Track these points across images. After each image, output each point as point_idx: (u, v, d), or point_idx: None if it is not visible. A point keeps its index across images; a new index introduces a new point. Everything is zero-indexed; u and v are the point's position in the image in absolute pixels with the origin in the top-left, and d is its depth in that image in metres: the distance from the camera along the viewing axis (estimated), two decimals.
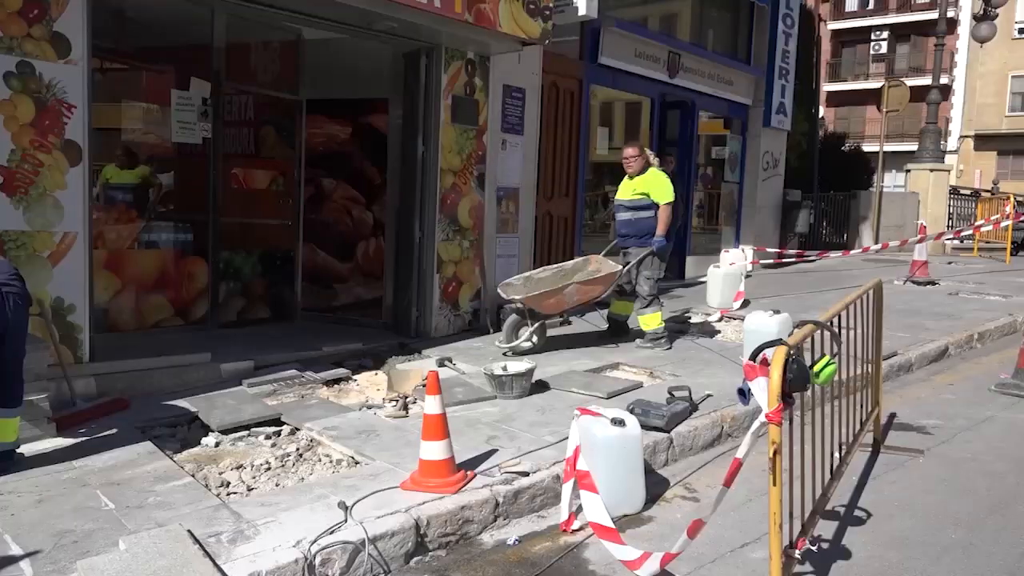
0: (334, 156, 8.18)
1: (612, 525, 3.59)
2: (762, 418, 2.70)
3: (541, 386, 5.68)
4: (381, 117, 7.87)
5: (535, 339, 6.66)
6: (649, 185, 6.76)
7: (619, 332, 7.37)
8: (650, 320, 6.97)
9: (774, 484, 2.70)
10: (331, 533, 3.30)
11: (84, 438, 4.47)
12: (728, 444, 5.03)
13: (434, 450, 3.79)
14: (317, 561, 3.17)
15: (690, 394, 5.18)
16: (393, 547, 3.41)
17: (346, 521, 3.41)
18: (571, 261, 6.88)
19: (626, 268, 6.89)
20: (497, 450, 4.35)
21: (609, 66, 10.18)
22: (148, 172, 7.25)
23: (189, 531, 3.21)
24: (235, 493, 3.90)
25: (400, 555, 3.42)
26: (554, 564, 3.44)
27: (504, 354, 6.36)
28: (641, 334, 7.11)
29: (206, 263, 7.12)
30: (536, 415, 5.03)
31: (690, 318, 8.74)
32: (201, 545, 3.10)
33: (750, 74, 13.00)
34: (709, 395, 5.46)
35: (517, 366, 5.51)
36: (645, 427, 4.40)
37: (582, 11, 8.21)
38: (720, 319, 8.59)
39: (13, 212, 4.79)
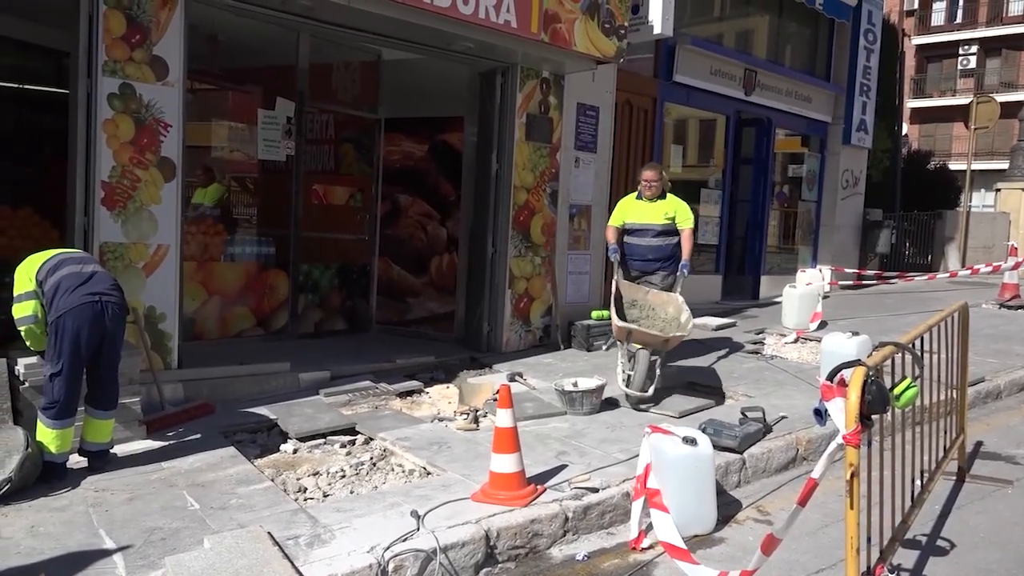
0: (410, 173, 8.37)
1: (684, 545, 3.56)
2: (839, 440, 2.65)
3: (611, 403, 5.67)
4: (456, 135, 8.02)
5: (658, 371, 5.82)
6: (676, 209, 6.40)
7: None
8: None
9: (851, 507, 2.64)
10: (404, 540, 3.37)
11: (172, 441, 4.68)
12: (803, 468, 4.92)
13: (505, 463, 3.83)
14: (390, 567, 3.24)
15: (764, 415, 5.10)
16: (463, 557, 3.46)
17: (418, 529, 3.48)
18: (613, 294, 6.10)
19: (679, 289, 6.30)
20: (567, 465, 4.37)
21: (684, 84, 10.13)
22: (224, 191, 7.52)
23: (269, 533, 3.33)
24: (312, 499, 4.02)
25: (470, 565, 3.47)
26: None
27: (638, 407, 5.56)
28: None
29: (287, 276, 7.37)
30: (606, 432, 5.02)
31: (764, 339, 8.57)
32: (280, 547, 3.21)
33: (829, 91, 12.74)
34: (783, 417, 5.36)
35: (587, 383, 5.51)
36: (717, 447, 4.34)
37: (657, 29, 8.22)
38: (796, 340, 8.40)
39: (112, 225, 5.07)
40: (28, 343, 4.23)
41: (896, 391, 2.90)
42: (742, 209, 11.93)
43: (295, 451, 4.75)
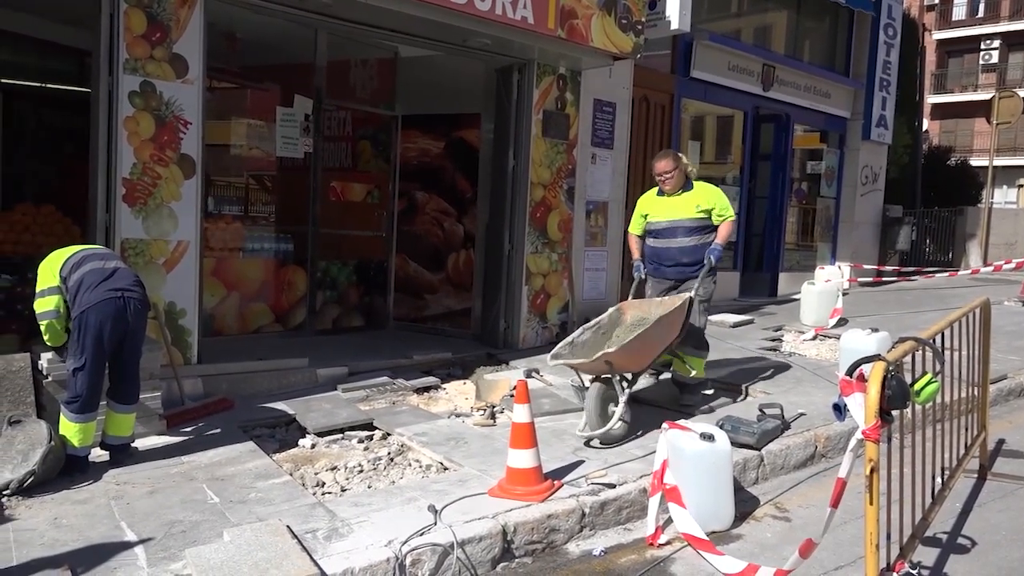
0: (427, 170, 8.38)
1: (705, 536, 3.56)
2: (859, 435, 2.63)
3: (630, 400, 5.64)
4: (473, 132, 8.03)
5: (627, 415, 4.76)
6: (711, 199, 5.41)
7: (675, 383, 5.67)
8: (696, 364, 5.49)
9: (871, 503, 2.62)
10: (421, 535, 3.38)
11: (192, 435, 4.72)
12: (821, 465, 4.89)
13: (522, 458, 3.84)
14: (408, 561, 3.26)
15: (782, 412, 5.07)
16: (480, 552, 3.46)
17: (435, 524, 3.49)
18: (604, 315, 5.25)
19: (693, 291, 5.22)
20: (583, 461, 4.37)
21: (701, 80, 10.08)
22: None
23: (288, 526, 3.35)
24: (330, 493, 4.05)
25: (487, 560, 3.48)
26: None
27: (588, 443, 4.64)
28: (684, 388, 5.52)
29: (305, 272, 7.41)
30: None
31: (782, 336, 8.52)
32: (299, 540, 3.24)
33: (849, 86, 12.63)
34: (802, 414, 5.33)
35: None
36: (735, 444, 4.32)
37: (674, 25, 8.18)
38: (814, 337, 8.35)
39: (133, 221, 5.12)
40: (46, 338, 4.27)
41: (916, 387, 2.87)
42: (760, 206, 11.86)
43: (313, 446, 4.78)
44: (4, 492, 3.71)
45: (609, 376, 4.73)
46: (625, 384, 4.79)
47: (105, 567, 3.06)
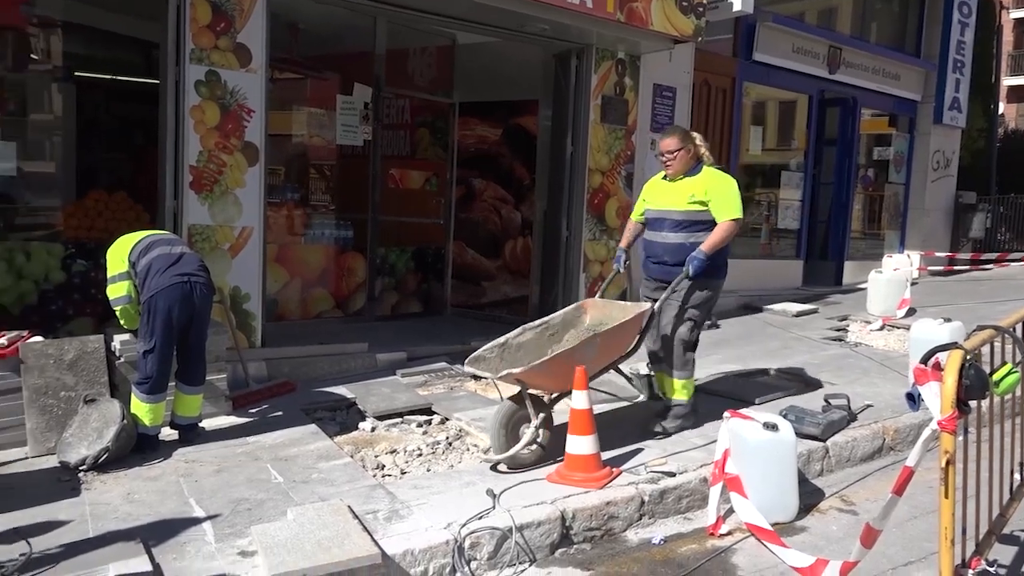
0: (484, 157, 8.38)
1: (770, 527, 3.49)
2: (934, 426, 2.53)
3: None
4: (531, 118, 7.99)
5: (541, 438, 4.05)
6: (712, 190, 4.44)
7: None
8: (684, 386, 4.66)
9: (946, 496, 2.52)
10: (480, 518, 3.39)
11: (256, 417, 4.83)
12: (890, 458, 4.74)
13: (581, 445, 3.82)
14: (466, 544, 3.27)
15: (848, 403, 4.93)
16: (539, 537, 3.46)
17: (494, 508, 3.50)
18: (559, 312, 4.61)
19: (660, 302, 4.46)
20: (643, 449, 4.32)
21: (764, 63, 9.84)
22: None
23: (349, 507, 3.40)
24: (389, 475, 4.09)
25: (545, 545, 3.47)
26: (701, 566, 3.38)
27: (494, 467, 4.00)
28: (664, 411, 4.70)
29: (364, 259, 7.50)
30: None
31: (848, 326, 8.30)
32: (360, 520, 3.28)
33: (920, 68, 12.16)
34: (869, 405, 5.18)
35: None
36: (799, 435, 4.21)
37: (737, 7, 7.99)
38: (882, 327, 8.10)
39: (199, 208, 5.25)
40: (122, 322, 4.42)
41: (995, 377, 2.75)
42: (825, 192, 11.52)
43: (373, 429, 4.84)
44: (80, 467, 3.85)
45: (522, 394, 4.00)
46: (546, 401, 4.10)
47: (175, 541, 3.15)
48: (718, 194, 4.45)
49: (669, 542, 3.63)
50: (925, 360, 2.65)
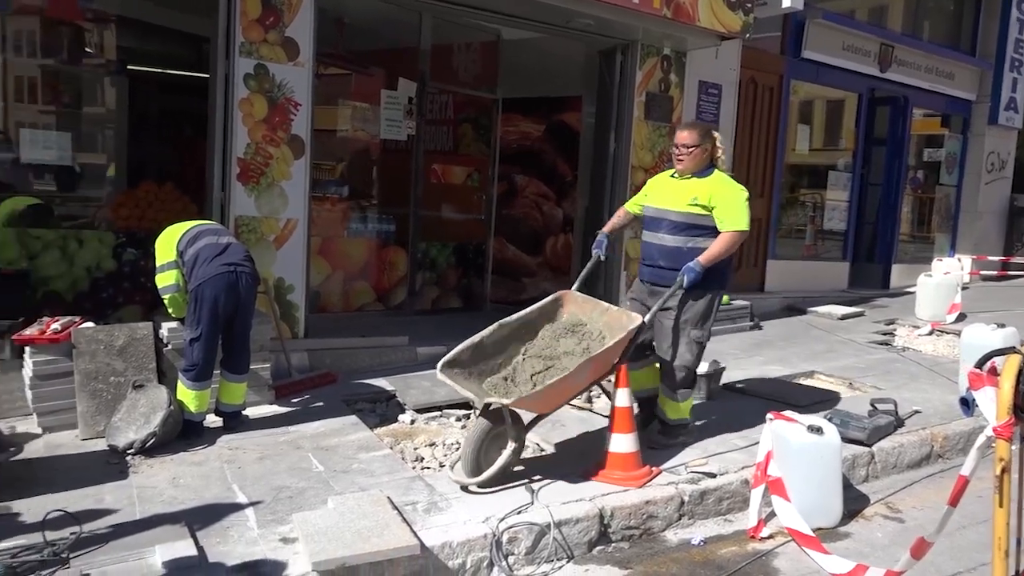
0: (527, 153, 8.37)
1: (811, 533, 3.43)
2: (988, 432, 2.46)
3: (729, 389, 5.52)
4: (574, 115, 7.96)
5: (509, 454, 3.67)
6: (717, 196, 4.10)
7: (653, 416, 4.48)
8: (681, 407, 4.34)
9: (1000, 506, 2.45)
10: (518, 513, 3.39)
11: (298, 406, 4.89)
12: (938, 465, 4.64)
13: (622, 443, 3.79)
14: (504, 538, 3.27)
15: (895, 408, 4.83)
16: (577, 534, 3.45)
17: (532, 503, 3.49)
18: (536, 306, 4.14)
19: (650, 315, 4.05)
20: (683, 449, 4.27)
21: (813, 60, 9.66)
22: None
23: (389, 498, 3.42)
24: (428, 468, 4.11)
25: (583, 542, 3.46)
26: (742, 569, 3.34)
27: (465, 488, 3.65)
28: (660, 425, 4.39)
29: (406, 253, 7.53)
30: (724, 418, 4.88)
31: (895, 330, 8.12)
32: (399, 511, 3.30)
33: (975, 67, 11.84)
34: (917, 411, 5.07)
35: (705, 366, 5.36)
36: (844, 439, 4.14)
37: (786, 3, 7.84)
38: (930, 332, 7.91)
39: (246, 199, 5.32)
40: (170, 310, 4.50)
41: None
42: (873, 194, 11.29)
43: (412, 422, 4.87)
44: (128, 451, 3.94)
45: (501, 411, 3.66)
46: (525, 422, 3.79)
47: (219, 526, 3.20)
48: (725, 202, 4.11)
49: (709, 543, 3.59)
50: (980, 364, 2.57)
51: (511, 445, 3.65)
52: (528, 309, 4.10)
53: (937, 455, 4.70)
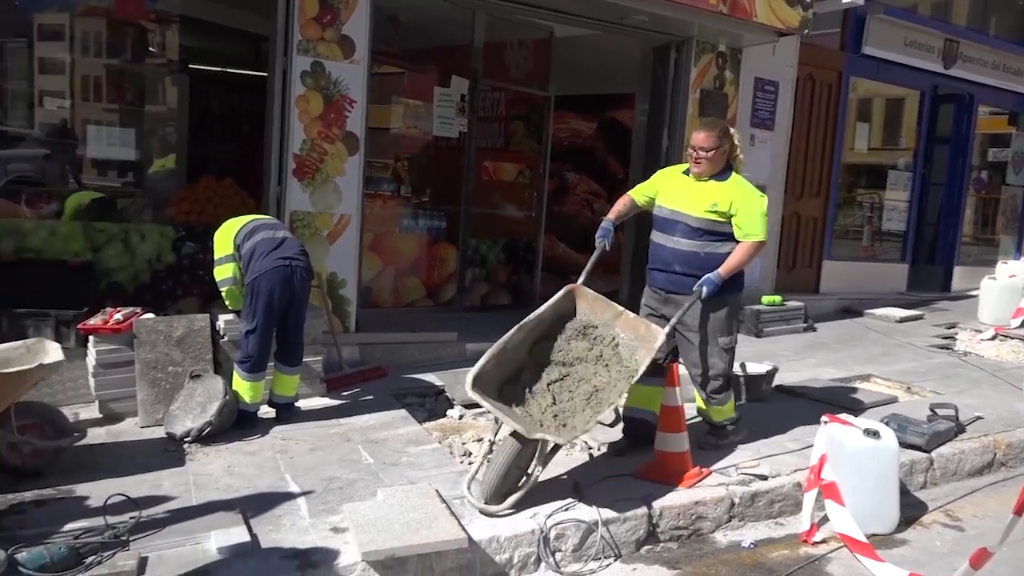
0: (578, 150, 8.36)
1: (865, 539, 3.35)
2: None
3: (781, 391, 5.42)
4: (626, 112, 7.92)
5: (535, 481, 3.45)
6: (738, 204, 3.92)
7: (642, 436, 4.13)
8: (724, 409, 4.24)
9: None
10: (566, 510, 3.38)
11: (348, 399, 4.95)
12: (1001, 474, 4.49)
13: (671, 442, 3.75)
14: (552, 535, 3.27)
15: (956, 413, 4.68)
16: (625, 532, 3.42)
17: (580, 501, 3.47)
18: (548, 304, 3.86)
19: (669, 327, 3.82)
20: (735, 450, 4.21)
21: (873, 56, 9.41)
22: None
23: (437, 491, 3.44)
24: (476, 463, 4.12)
25: (631, 541, 3.43)
26: (793, 573, 3.28)
27: (487, 514, 3.36)
28: (708, 427, 4.31)
29: (456, 250, 7.57)
30: (776, 420, 4.79)
31: (956, 334, 7.87)
32: (447, 505, 3.32)
33: None
34: (979, 417, 4.91)
35: (757, 367, 5.29)
36: (902, 444, 4.03)
37: None
38: (994, 337, 7.65)
39: (301, 195, 5.42)
40: (227, 303, 4.60)
41: None
42: (934, 194, 10.96)
43: (460, 417, 4.89)
44: (185, 439, 4.04)
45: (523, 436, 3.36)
46: (549, 449, 3.47)
47: (272, 514, 3.27)
48: (745, 211, 3.92)
49: (759, 546, 3.53)
50: None
51: (538, 470, 3.42)
52: (542, 308, 3.84)
53: (1000, 463, 4.55)
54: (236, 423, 4.28)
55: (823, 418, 3.79)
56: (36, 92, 6.62)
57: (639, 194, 4.31)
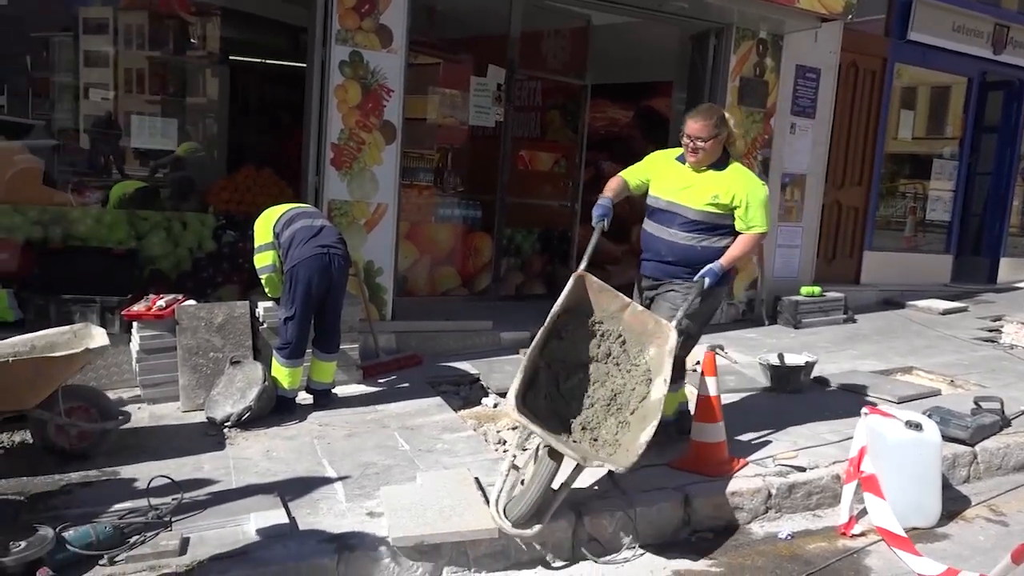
0: (615, 139, 8.30)
1: (904, 534, 3.29)
2: None
3: (820, 383, 5.35)
4: (663, 100, 7.84)
5: (564, 498, 3.22)
6: (741, 195, 3.75)
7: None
8: (679, 395, 4.13)
9: None
10: (601, 498, 3.38)
11: (384, 387, 5.00)
12: None
13: (707, 432, 3.73)
14: (587, 522, 3.27)
15: (1002, 407, 4.57)
16: (660, 522, 3.42)
17: (615, 489, 3.47)
18: (560, 299, 3.49)
19: (676, 320, 3.54)
20: (771, 442, 4.17)
21: (919, 43, 9.17)
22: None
23: (476, 478, 3.47)
24: (510, 451, 4.13)
25: (667, 530, 3.42)
26: (831, 566, 3.24)
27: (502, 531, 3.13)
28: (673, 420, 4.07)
29: (491, 239, 7.58)
30: (814, 411, 4.73)
31: (1002, 326, 7.68)
32: (484, 492, 3.33)
33: None
34: None
35: (796, 359, 5.23)
36: (944, 437, 3.94)
37: None
38: None
39: (339, 184, 5.47)
40: (267, 290, 4.67)
41: None
42: (980, 183, 10.66)
43: (495, 405, 4.91)
44: (225, 424, 4.12)
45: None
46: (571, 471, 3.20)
47: (309, 498, 3.32)
48: (748, 202, 3.74)
49: (796, 538, 3.50)
50: None
51: (567, 489, 3.19)
52: (557, 305, 3.46)
53: None
54: (275, 409, 4.35)
55: (863, 410, 3.73)
56: (81, 84, 6.77)
57: (632, 177, 4.06)
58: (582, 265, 3.68)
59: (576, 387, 3.39)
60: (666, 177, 3.92)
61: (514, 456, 3.37)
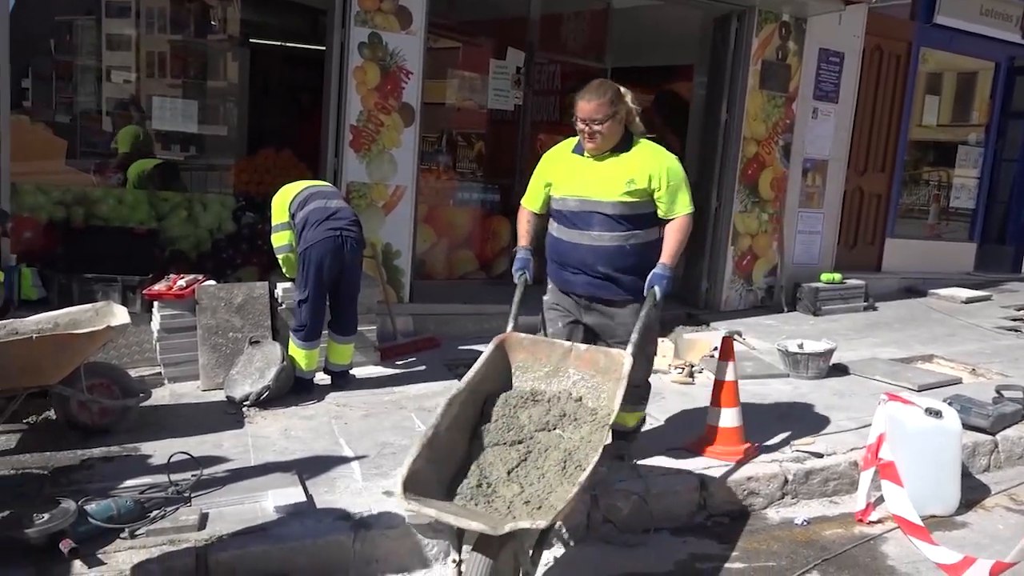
0: None
1: (920, 522, 3.27)
2: None
3: (839, 370, 5.31)
4: (684, 84, 7.76)
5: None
6: (658, 175, 3.30)
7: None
8: (635, 416, 3.67)
9: None
10: (620, 482, 3.38)
11: (401, 369, 5.03)
12: None
13: (724, 417, 3.72)
14: (602, 505, 3.28)
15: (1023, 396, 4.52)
16: (676, 505, 3.42)
17: (632, 474, 3.47)
18: (478, 364, 3.02)
19: (631, 347, 3.02)
20: (788, 428, 4.15)
21: (946, 26, 9.02)
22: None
23: None
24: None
25: (682, 514, 3.42)
26: (847, 552, 3.23)
27: None
28: (624, 434, 3.63)
29: (509, 223, 7.56)
30: (833, 398, 4.71)
31: None
32: None
33: None
34: None
35: (815, 345, 5.20)
36: (965, 426, 3.90)
37: None
38: None
39: (358, 166, 5.47)
40: (284, 270, 4.69)
41: None
42: (1007, 170, 10.48)
43: None
44: (244, 403, 4.16)
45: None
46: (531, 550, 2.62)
47: (327, 476, 3.35)
48: (667, 182, 3.30)
49: (812, 524, 3.49)
50: None
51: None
52: (473, 371, 2.97)
53: None
54: (293, 389, 4.38)
55: (882, 396, 3.70)
56: (104, 67, 6.82)
57: (535, 199, 3.57)
58: (509, 326, 3.25)
59: (524, 466, 2.75)
60: (568, 173, 3.42)
61: (457, 563, 2.55)
